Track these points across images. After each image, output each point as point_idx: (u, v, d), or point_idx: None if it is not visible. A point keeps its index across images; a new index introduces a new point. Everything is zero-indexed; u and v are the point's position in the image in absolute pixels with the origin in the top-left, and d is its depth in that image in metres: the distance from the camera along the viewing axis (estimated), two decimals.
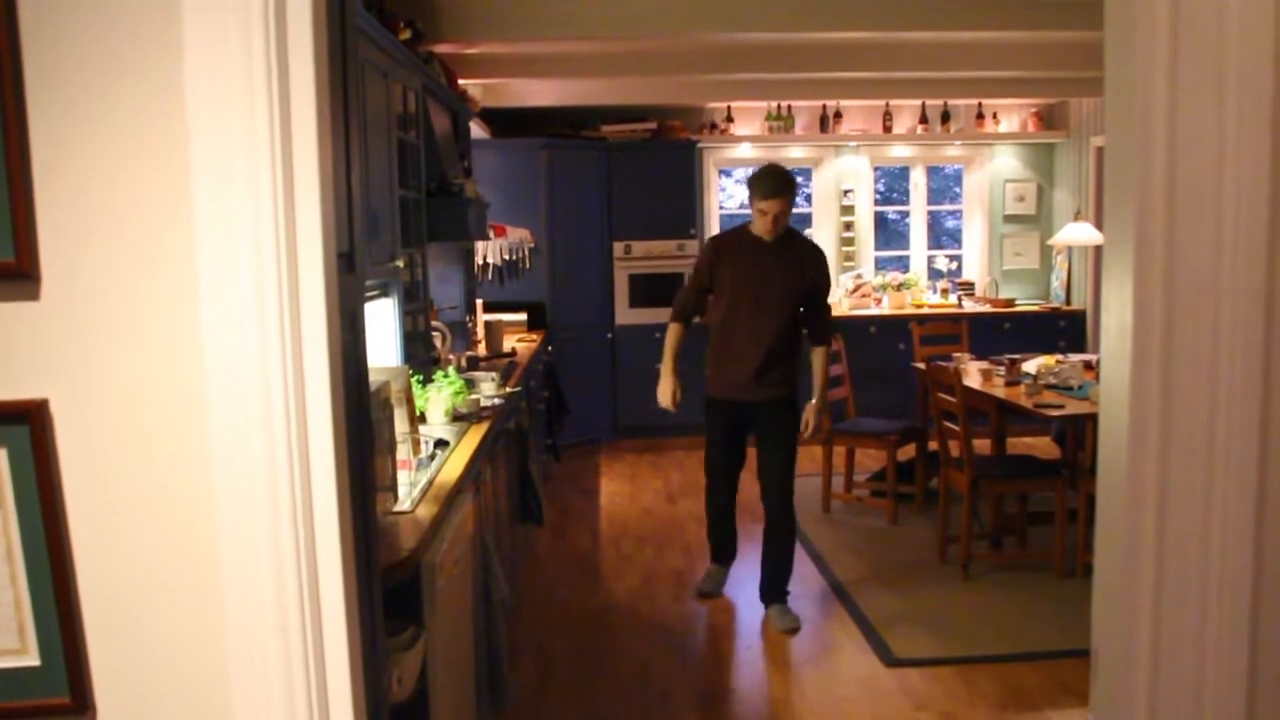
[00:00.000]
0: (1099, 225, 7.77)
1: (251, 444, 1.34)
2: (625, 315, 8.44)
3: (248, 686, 1.38)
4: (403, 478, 3.12)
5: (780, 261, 4.60)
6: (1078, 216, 8.02)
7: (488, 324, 6.44)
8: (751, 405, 4.71)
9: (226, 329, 1.33)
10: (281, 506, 1.35)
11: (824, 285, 4.77)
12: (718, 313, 4.70)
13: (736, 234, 4.78)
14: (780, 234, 4.58)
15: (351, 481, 1.47)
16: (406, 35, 4.56)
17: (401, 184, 4.22)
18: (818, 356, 4.80)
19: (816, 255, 4.75)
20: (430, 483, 3.24)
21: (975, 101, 8.78)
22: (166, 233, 1.35)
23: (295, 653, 1.37)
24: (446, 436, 3.85)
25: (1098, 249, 8.24)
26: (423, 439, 3.54)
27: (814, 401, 4.82)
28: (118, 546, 1.40)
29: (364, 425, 1.57)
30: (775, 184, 4.51)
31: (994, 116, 8.98)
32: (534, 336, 7.24)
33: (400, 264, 4.24)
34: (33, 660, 1.40)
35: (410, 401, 3.34)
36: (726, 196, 9.52)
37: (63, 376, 1.37)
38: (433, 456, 3.52)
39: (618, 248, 8.40)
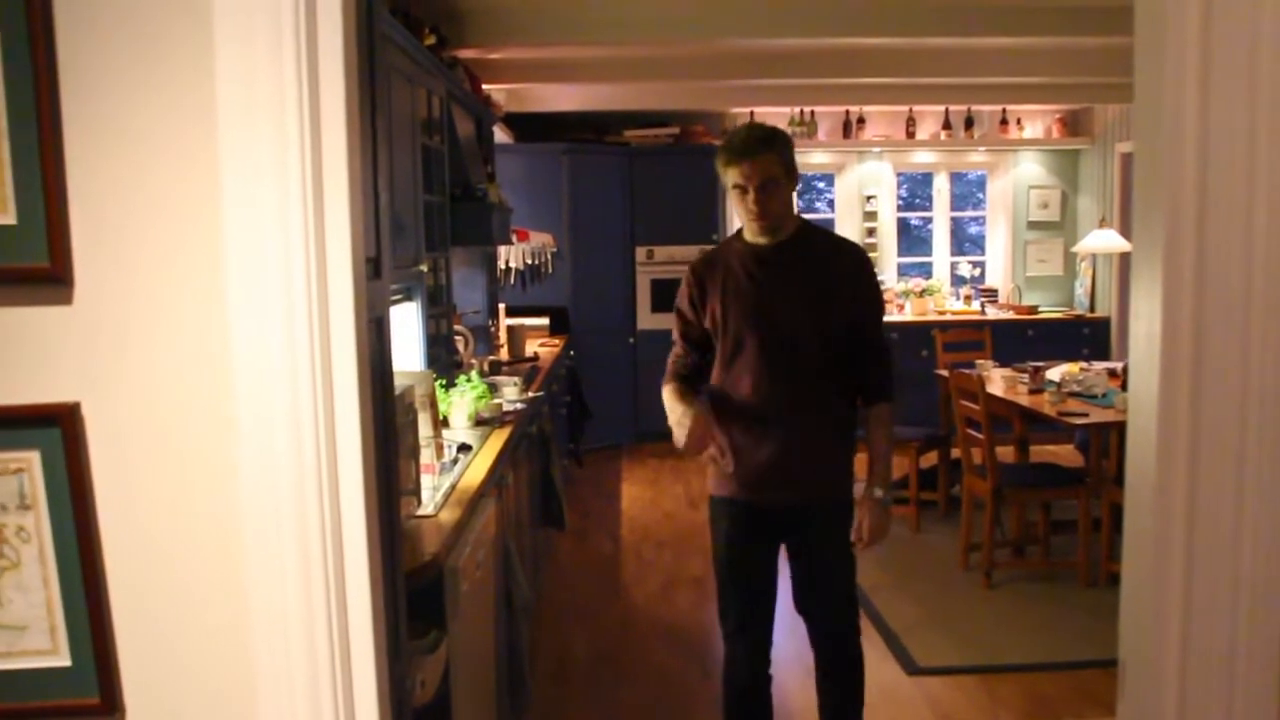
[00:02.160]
0: (1124, 232, 7.72)
1: (280, 448, 1.35)
2: (647, 320, 8.45)
3: (274, 689, 1.39)
4: (426, 482, 3.14)
5: (795, 275, 2.94)
6: (1103, 223, 7.97)
7: (510, 328, 6.45)
8: (784, 511, 3.04)
9: (255, 334, 1.34)
10: (309, 511, 1.35)
11: (872, 306, 3.05)
12: (717, 368, 3.05)
13: (723, 247, 3.10)
14: (787, 231, 2.96)
15: (378, 485, 1.48)
16: (431, 41, 4.58)
17: (426, 188, 4.24)
18: (875, 422, 3.04)
19: (854, 260, 3.05)
20: (453, 487, 3.25)
21: (999, 107, 8.74)
22: (197, 237, 1.36)
23: (321, 656, 1.37)
24: (469, 441, 3.86)
25: (1123, 256, 8.20)
26: (446, 443, 3.55)
27: (874, 492, 3.00)
28: (147, 549, 1.41)
29: (389, 430, 1.58)
30: (745, 139, 2.90)
31: (1018, 122, 8.95)
32: (556, 341, 7.25)
33: (424, 268, 4.26)
34: (64, 661, 1.41)
35: (434, 406, 3.36)
36: None
37: (94, 380, 1.38)
38: (456, 461, 3.53)
39: (640, 252, 8.41)
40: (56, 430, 1.37)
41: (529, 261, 7.07)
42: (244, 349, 1.35)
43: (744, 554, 3.10)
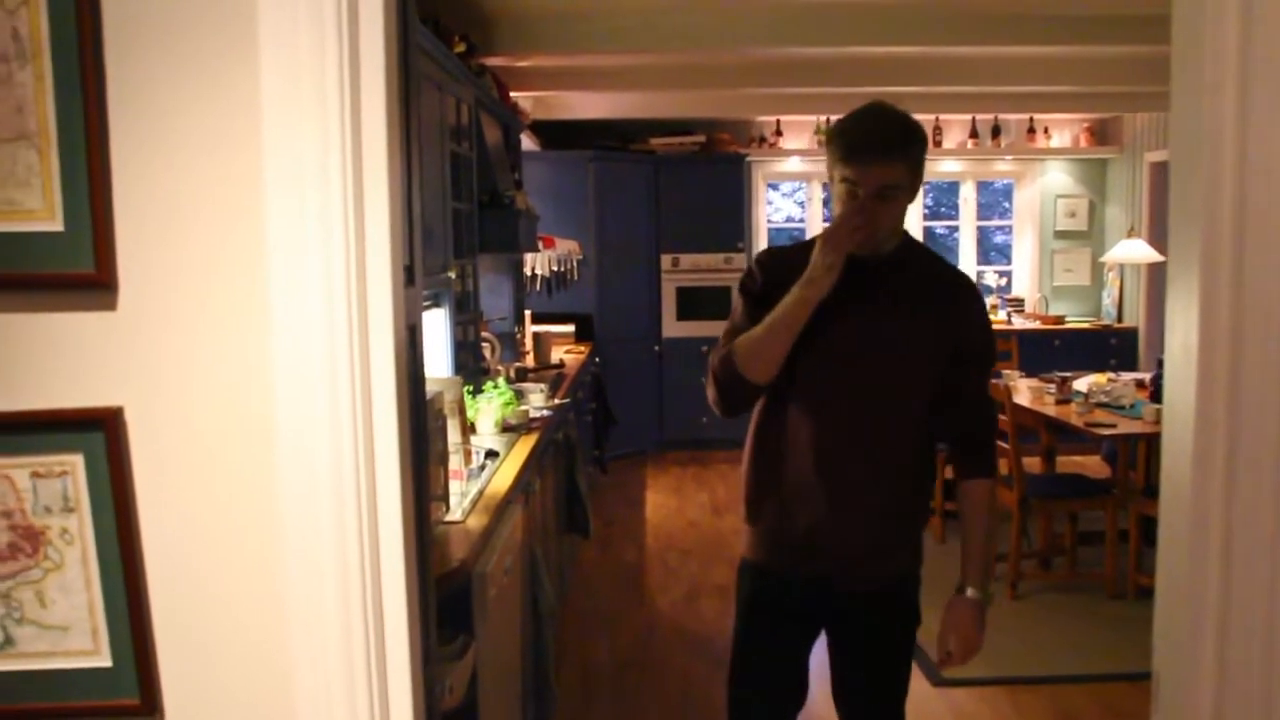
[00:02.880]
0: (1153, 242, 7.68)
1: (319, 454, 1.36)
2: (672, 328, 8.46)
3: (310, 691, 1.40)
4: (454, 488, 3.15)
5: (890, 302, 2.30)
6: (1131, 233, 7.92)
7: (536, 335, 6.48)
8: (838, 593, 2.41)
9: (296, 340, 1.35)
10: (347, 515, 1.37)
11: (981, 355, 2.41)
12: (765, 402, 2.39)
13: (800, 250, 2.33)
14: (892, 247, 2.31)
15: (413, 491, 1.49)
16: (461, 49, 4.61)
17: (454, 195, 4.26)
18: (973, 502, 2.39)
19: (966, 295, 2.39)
20: (480, 493, 3.26)
21: (1026, 116, 8.71)
22: (239, 243, 1.38)
23: (357, 659, 1.39)
24: (496, 447, 3.88)
25: (1151, 266, 8.14)
26: (474, 449, 3.57)
27: (967, 592, 2.36)
28: (187, 552, 1.43)
29: (421, 436, 1.59)
30: (876, 131, 2.18)
31: (1045, 131, 8.91)
32: (581, 348, 7.27)
33: (452, 275, 4.28)
34: (104, 661, 1.43)
35: (463, 412, 3.38)
36: (774, 210, 9.51)
37: (137, 385, 1.40)
38: (483, 467, 3.55)
39: (665, 260, 8.42)
40: (100, 434, 1.38)
41: (555, 268, 7.09)
42: (284, 354, 1.36)
43: (770, 640, 2.48)
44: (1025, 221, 9.25)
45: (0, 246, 1.37)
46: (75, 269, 1.37)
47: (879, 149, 2.15)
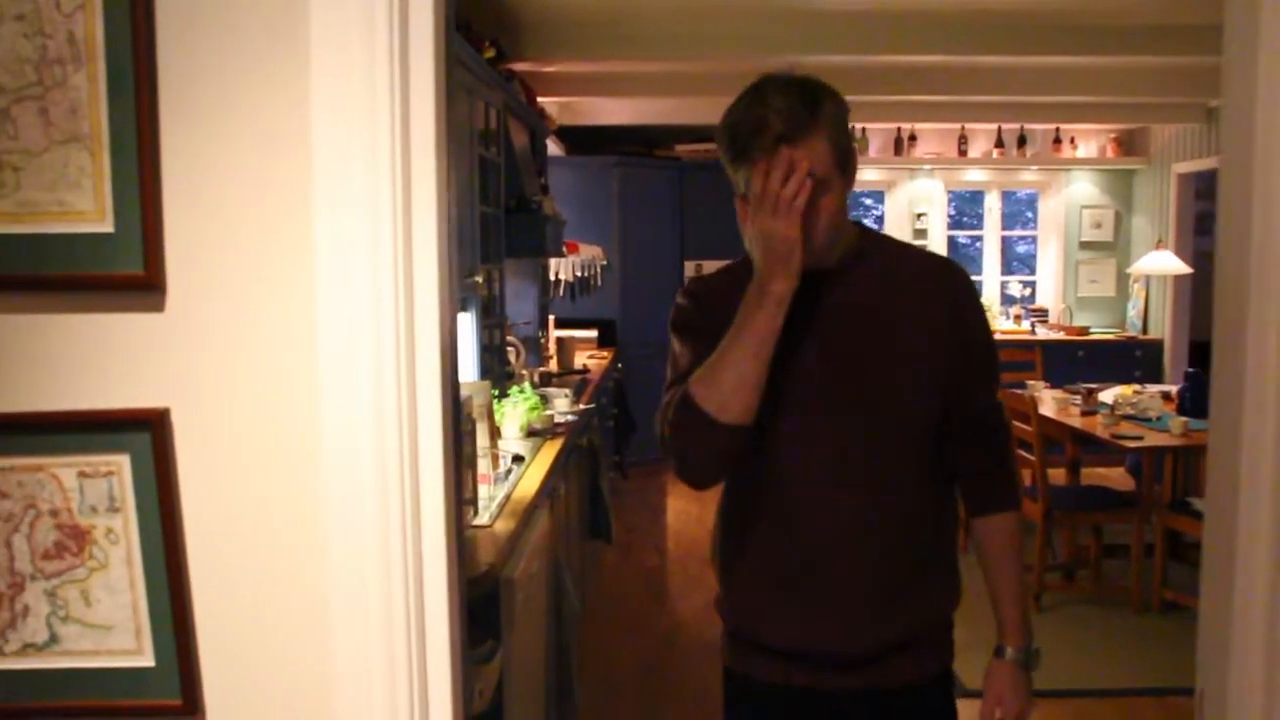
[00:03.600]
0: (1179, 254, 7.64)
1: (363, 456, 1.36)
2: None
3: (352, 695, 1.40)
4: (481, 492, 3.16)
5: (859, 315, 1.84)
6: (1160, 245, 7.87)
7: (559, 340, 6.48)
8: (845, 701, 1.88)
9: (342, 343, 1.36)
10: (391, 519, 1.37)
11: (982, 357, 1.94)
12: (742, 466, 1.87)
13: (734, 273, 1.88)
14: (841, 248, 1.82)
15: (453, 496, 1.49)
16: (490, 54, 4.63)
17: (481, 199, 4.27)
18: (996, 543, 1.94)
19: (953, 285, 1.91)
20: (507, 497, 3.27)
21: (1053, 126, 8.67)
22: (287, 246, 1.39)
23: (399, 665, 1.39)
24: (521, 451, 3.89)
25: (1177, 278, 8.10)
26: (500, 453, 3.57)
27: (1006, 653, 1.95)
28: (230, 553, 1.43)
29: (458, 440, 1.59)
30: (782, 109, 1.67)
31: (1071, 141, 8.87)
32: (604, 353, 7.27)
33: (479, 279, 4.29)
34: (148, 661, 1.43)
35: (491, 417, 3.38)
36: None
37: (184, 386, 1.40)
38: (509, 472, 3.55)
39: (689, 267, 8.42)
40: (146, 435, 1.39)
41: (578, 274, 7.10)
42: (330, 357, 1.36)
43: None
44: (1050, 232, 9.21)
45: (51, 247, 1.38)
46: (124, 270, 1.38)
47: (784, 132, 1.63)
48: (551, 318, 6.82)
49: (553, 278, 6.91)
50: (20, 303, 1.40)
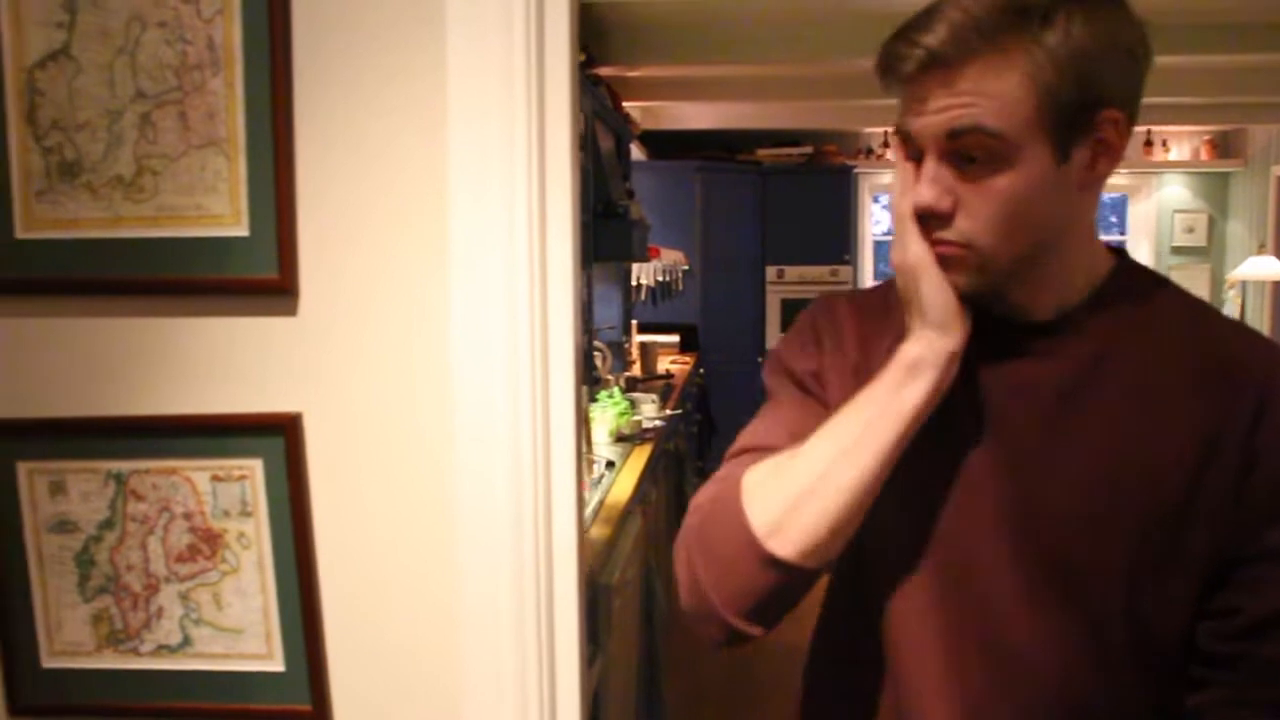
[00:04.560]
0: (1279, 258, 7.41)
1: (497, 464, 1.35)
2: (776, 340, 8.37)
3: (480, 705, 1.39)
4: None
5: (1080, 404, 1.06)
6: (1261, 250, 7.64)
7: (642, 345, 6.46)
8: None
9: (476, 346, 1.34)
10: (524, 524, 1.35)
11: None
12: (827, 625, 1.34)
13: (888, 295, 1.17)
14: (1072, 290, 1.10)
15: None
16: (581, 59, 4.62)
17: None
18: None
19: (1254, 394, 1.03)
20: (601, 503, 3.25)
21: (1143, 128, 8.46)
22: (422, 252, 1.38)
23: (530, 675, 1.37)
24: (611, 457, 3.87)
25: (1276, 284, 7.85)
26: (594, 459, 3.56)
27: None
28: (360, 560, 1.43)
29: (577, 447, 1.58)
30: (943, 13, 0.99)
31: (1163, 144, 8.65)
32: (686, 359, 7.24)
33: None
34: (278, 666, 1.43)
35: (586, 422, 3.37)
36: (874, 223, 9.38)
37: (316, 391, 1.40)
38: (601, 477, 3.54)
39: (770, 272, 8.36)
40: (279, 439, 1.39)
41: (660, 278, 7.07)
42: (464, 363, 1.35)
43: None
44: (1140, 236, 8.98)
45: (187, 251, 1.38)
46: (259, 274, 1.38)
47: (937, 48, 1.00)
48: (634, 323, 6.81)
49: (634, 283, 6.90)
50: (156, 306, 1.41)
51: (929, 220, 1.05)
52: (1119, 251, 1.17)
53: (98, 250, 1.40)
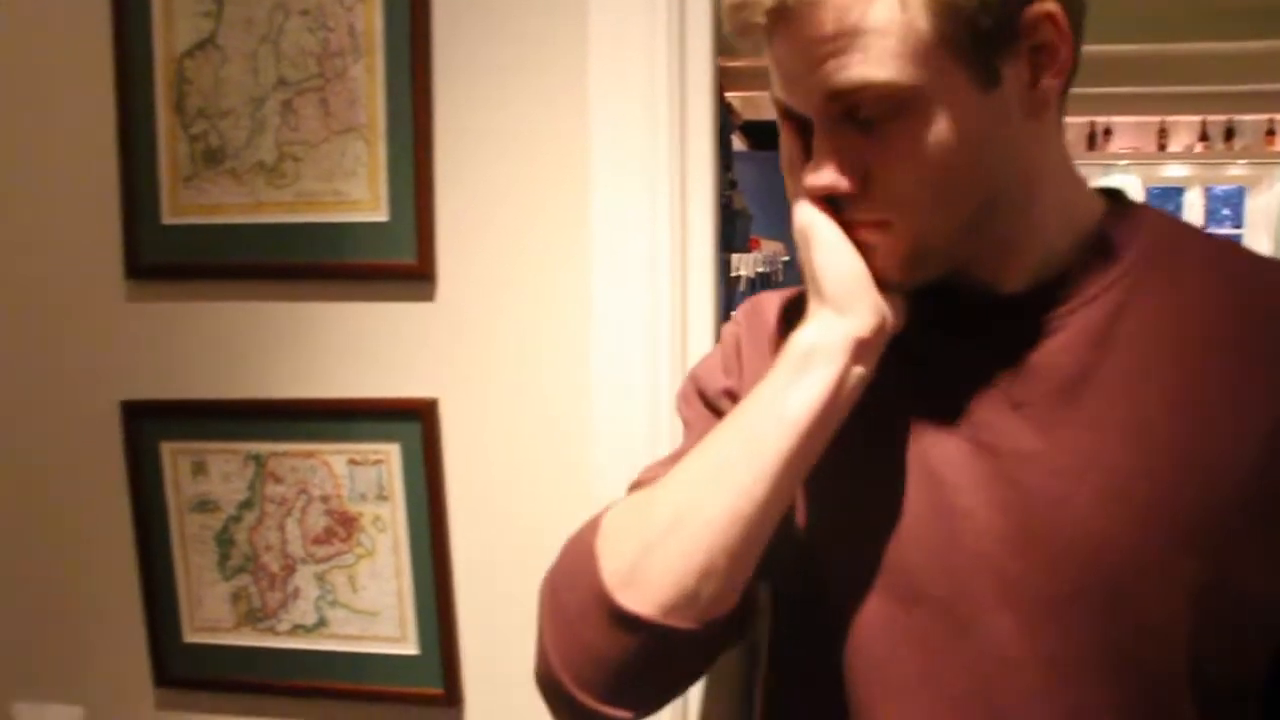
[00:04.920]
0: None
1: (635, 455, 1.33)
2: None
3: None
4: None
5: (1088, 389, 0.80)
6: None
7: None
8: None
9: (616, 336, 1.33)
10: None
11: None
12: (768, 678, 1.04)
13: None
14: (1040, 240, 0.84)
15: None
16: None
17: None
18: None
19: None
20: None
21: (1265, 116, 8.14)
22: (561, 241, 1.37)
23: None
24: None
25: None
26: None
27: None
28: (493, 547, 1.42)
29: None
30: None
31: None
32: None
33: None
34: (412, 649, 1.44)
35: None
36: None
37: (453, 377, 1.40)
38: None
39: None
40: (416, 425, 1.40)
41: (760, 270, 7.02)
42: (603, 353, 1.34)
43: None
44: (1259, 229, 8.66)
45: (328, 236, 1.40)
46: (398, 259, 1.39)
47: None
48: (734, 314, 6.77)
49: (733, 273, 6.85)
50: (297, 291, 1.43)
51: (837, 201, 0.81)
52: (1113, 193, 0.91)
53: (239, 235, 1.42)
